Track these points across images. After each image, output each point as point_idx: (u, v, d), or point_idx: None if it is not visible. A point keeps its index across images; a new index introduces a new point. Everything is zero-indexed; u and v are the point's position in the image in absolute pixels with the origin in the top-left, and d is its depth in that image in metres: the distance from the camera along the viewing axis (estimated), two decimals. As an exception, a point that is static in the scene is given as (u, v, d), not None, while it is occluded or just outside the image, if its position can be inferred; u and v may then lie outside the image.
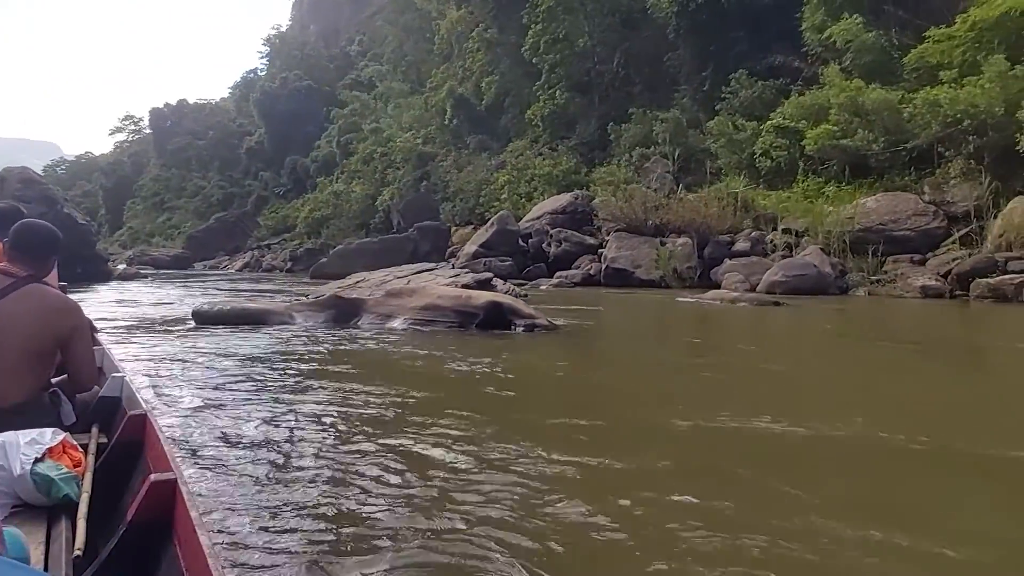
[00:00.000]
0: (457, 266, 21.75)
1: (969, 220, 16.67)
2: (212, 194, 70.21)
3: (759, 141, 22.82)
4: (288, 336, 8.11)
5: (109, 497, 2.28)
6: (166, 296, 16.59)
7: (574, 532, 2.61)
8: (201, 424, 4.19)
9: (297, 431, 4.07)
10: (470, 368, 6.23)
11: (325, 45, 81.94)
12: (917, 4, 24.01)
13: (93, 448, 2.48)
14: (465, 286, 11.00)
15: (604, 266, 19.60)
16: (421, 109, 46.99)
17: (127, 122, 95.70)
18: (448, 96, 41.80)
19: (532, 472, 3.27)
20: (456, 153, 40.46)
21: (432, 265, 15.21)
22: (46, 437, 2.24)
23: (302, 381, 5.58)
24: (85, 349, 2.89)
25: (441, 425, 4.15)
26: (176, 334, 8.30)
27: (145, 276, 30.06)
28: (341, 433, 4.04)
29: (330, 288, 12.30)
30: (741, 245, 19.14)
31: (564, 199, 24.71)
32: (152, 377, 5.62)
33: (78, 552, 1.80)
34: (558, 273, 20.41)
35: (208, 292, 18.61)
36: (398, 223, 38.31)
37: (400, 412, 4.55)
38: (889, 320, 11.57)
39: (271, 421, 4.31)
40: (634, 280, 18.78)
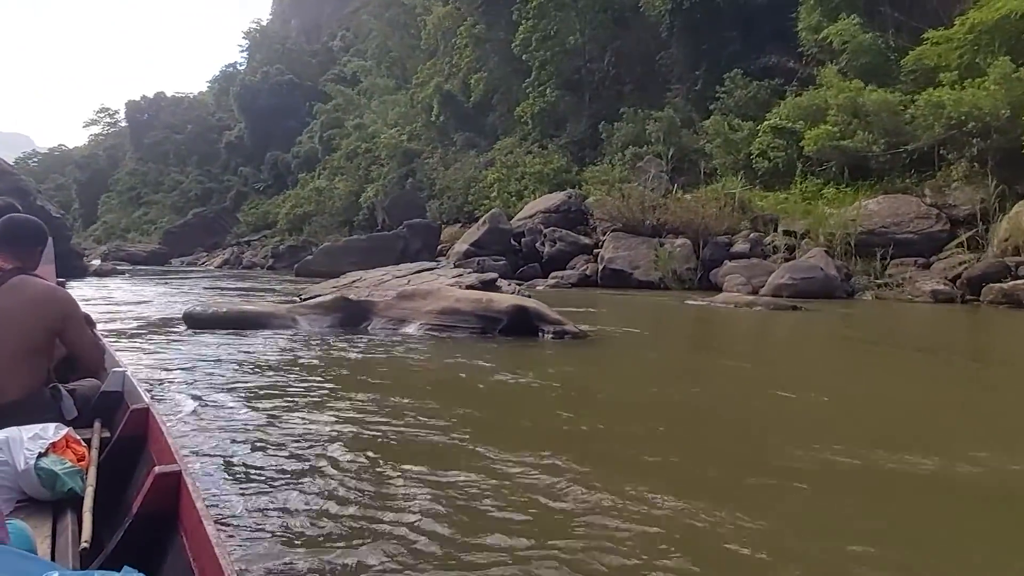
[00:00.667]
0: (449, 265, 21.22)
1: (971, 223, 16.47)
2: (190, 189, 68.97)
3: (756, 141, 22.53)
4: (293, 342, 7.48)
5: (113, 491, 2.28)
6: (148, 294, 15.87)
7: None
8: (208, 456, 3.62)
9: (319, 458, 3.53)
10: (513, 381, 5.64)
11: (307, 40, 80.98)
12: (913, 6, 23.87)
13: (96, 442, 2.49)
14: (469, 287, 10.47)
15: (601, 267, 19.15)
16: (407, 105, 46.30)
17: (102, 115, 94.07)
18: (435, 92, 41.17)
19: (637, 524, 2.73)
20: (443, 150, 39.87)
21: (432, 264, 14.60)
22: (49, 432, 2.25)
23: (317, 396, 5.00)
24: (83, 334, 2.89)
25: (497, 451, 3.62)
26: (167, 339, 7.66)
27: (122, 272, 29.17)
28: (375, 463, 3.51)
29: (324, 288, 11.66)
30: (740, 246, 18.78)
31: (557, 198, 24.24)
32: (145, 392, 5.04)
33: (85, 544, 1.83)
34: (553, 273, 19.93)
35: (191, 290, 17.92)
36: (383, 221, 37.62)
37: (445, 437, 3.97)
38: (915, 327, 11.08)
39: (285, 445, 3.77)
40: (632, 281, 18.35)
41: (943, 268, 15.32)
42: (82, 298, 13.14)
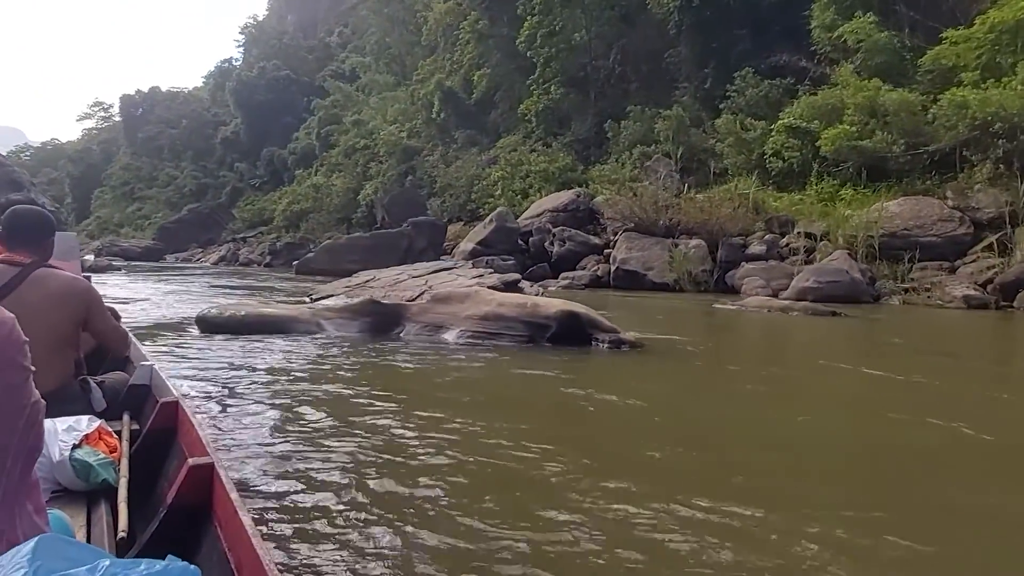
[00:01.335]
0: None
1: (997, 227, 16.00)
2: (185, 184, 68.19)
3: (769, 141, 22.05)
4: (321, 349, 6.78)
5: (144, 482, 2.30)
6: (147, 292, 15.27)
7: None
8: (253, 494, 3.06)
9: (391, 503, 2.99)
10: (593, 398, 4.94)
11: (303, 36, 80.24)
12: (928, 5, 23.46)
13: (126, 435, 2.52)
14: (491, 288, 9.94)
15: (614, 267, 18.62)
16: (406, 102, 45.66)
17: (96, 108, 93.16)
18: (436, 89, 40.56)
19: None
20: (443, 148, 39.29)
21: (450, 264, 14.04)
22: (83, 424, 2.30)
23: (365, 415, 4.34)
24: (107, 321, 2.91)
25: (615, 488, 3.06)
26: (179, 346, 6.89)
27: (118, 268, 28.52)
28: (468, 495, 2.98)
29: (336, 288, 11.08)
30: (756, 248, 18.30)
31: (565, 196, 23.70)
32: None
33: (123, 534, 1.86)
34: (563, 274, 19.39)
35: (192, 288, 17.33)
36: (383, 218, 37.00)
37: (537, 466, 3.41)
38: (974, 338, 10.43)
39: (335, 484, 3.23)
40: (646, 283, 17.84)
41: (971, 273, 14.85)
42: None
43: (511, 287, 10.33)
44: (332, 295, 10.44)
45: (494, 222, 21.91)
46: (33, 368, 1.19)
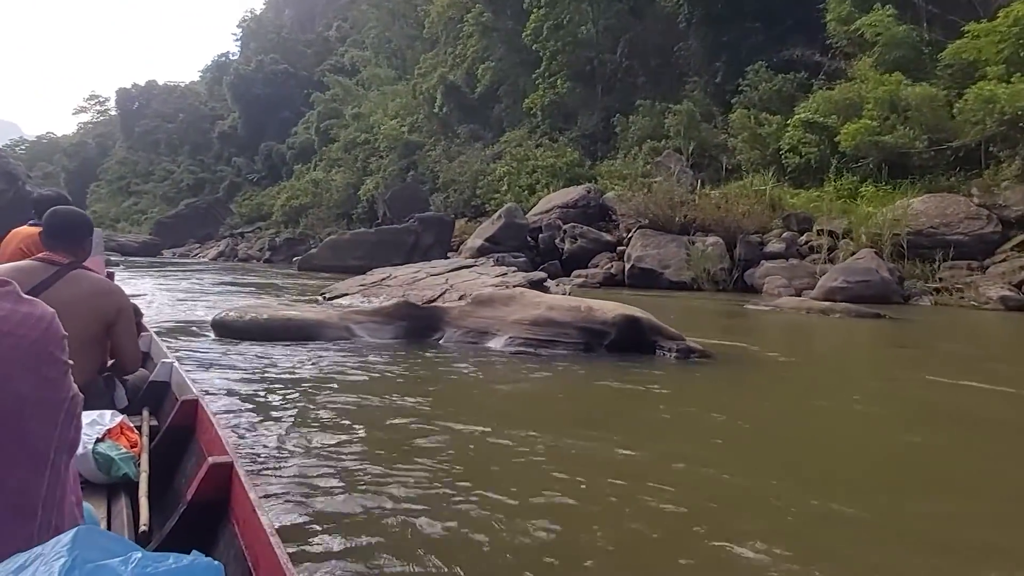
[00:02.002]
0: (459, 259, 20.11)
1: (1025, 225, 15.51)
2: (182, 179, 67.55)
3: (785, 136, 21.51)
4: (355, 359, 6.03)
5: (162, 477, 2.33)
6: (149, 289, 14.66)
7: None
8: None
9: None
10: (676, 415, 4.39)
11: (301, 30, 79.55)
12: (947, -1, 22.96)
13: (146, 430, 2.53)
14: (517, 287, 9.39)
15: (629, 265, 18.06)
16: (408, 96, 45.02)
17: (92, 102, 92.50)
18: (438, 83, 39.94)
19: None
20: (446, 143, 38.69)
21: (471, 261, 13.45)
22: (105, 419, 2.34)
23: (410, 436, 3.76)
24: (129, 331, 2.90)
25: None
26: (195, 352, 6.17)
27: (116, 263, 27.84)
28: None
29: (349, 286, 10.51)
30: (775, 246, 17.77)
31: (575, 192, 23.12)
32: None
33: (144, 527, 1.91)
34: (576, 272, 18.82)
35: (195, 285, 16.75)
36: (384, 214, 36.48)
37: (631, 511, 2.86)
38: None
39: (392, 516, 2.71)
40: (663, 282, 17.29)
41: (1002, 273, 14.32)
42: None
43: (536, 287, 9.77)
44: (347, 294, 9.90)
45: (503, 218, 21.33)
46: (71, 362, 1.18)
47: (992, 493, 3.23)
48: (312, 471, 3.14)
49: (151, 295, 12.94)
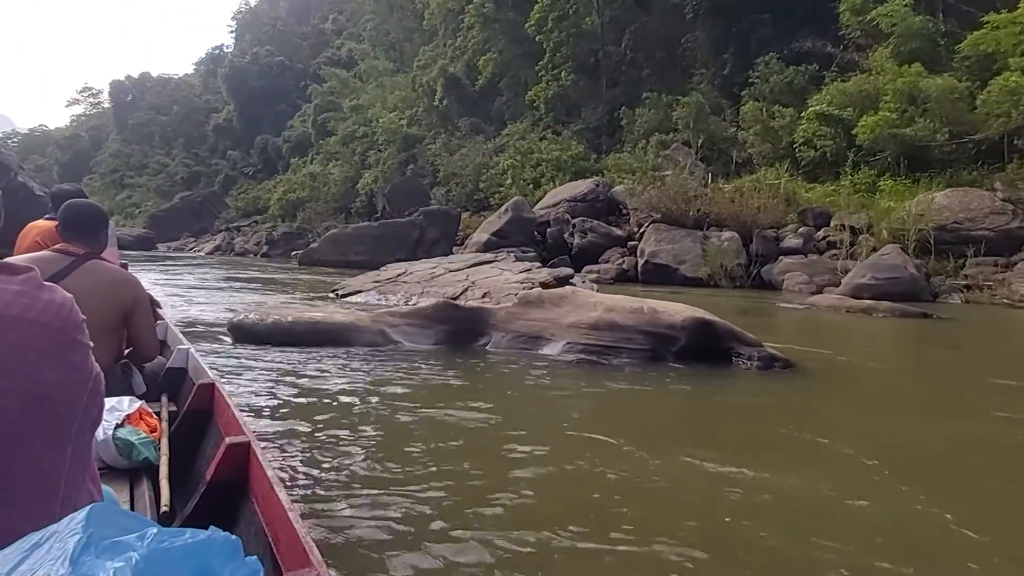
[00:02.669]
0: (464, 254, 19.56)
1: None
2: (176, 172, 66.74)
3: (799, 129, 21.03)
4: (395, 368, 5.33)
5: (182, 460, 2.36)
6: (149, 287, 14.08)
7: None
8: None
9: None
10: (786, 436, 3.81)
11: (296, 22, 78.75)
12: (963, -11, 22.51)
13: (165, 415, 2.58)
14: (543, 284, 8.89)
15: (643, 261, 17.54)
16: (407, 89, 44.37)
17: (85, 94, 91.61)
18: (439, 76, 39.31)
19: None
20: (446, 136, 38.10)
21: (491, 256, 12.87)
22: (124, 405, 2.36)
23: (484, 471, 3.14)
24: (146, 320, 2.91)
25: None
26: (212, 362, 5.07)
27: (110, 258, 27.22)
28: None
29: (363, 282, 9.95)
30: (792, 241, 17.31)
31: (583, 186, 22.58)
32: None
33: (165, 508, 1.94)
34: (587, 268, 18.27)
35: (195, 281, 16.17)
36: (383, 208, 35.85)
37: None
38: None
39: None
40: (678, 277, 16.80)
41: (1032, 269, 13.89)
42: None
43: (563, 283, 9.26)
44: (360, 291, 9.36)
45: (509, 212, 20.77)
46: (92, 344, 1.19)
47: None
48: (378, 522, 2.59)
49: (161, 292, 12.37)
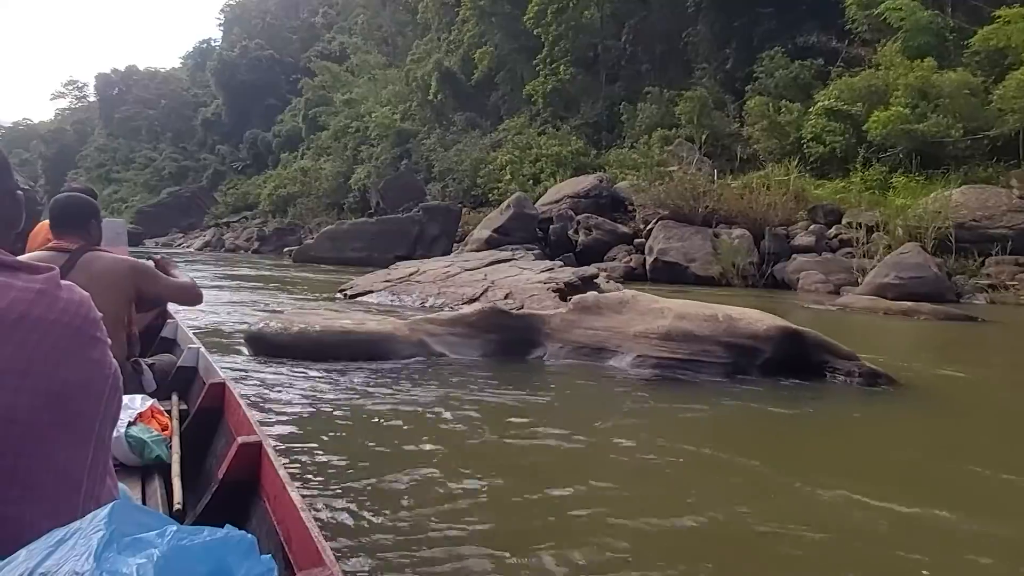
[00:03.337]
0: (466, 251, 19.02)
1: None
2: (163, 167, 65.75)
3: (807, 125, 20.61)
4: (449, 385, 4.68)
5: (193, 458, 2.35)
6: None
7: None
8: None
9: None
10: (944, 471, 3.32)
11: (286, 16, 77.80)
12: (973, -17, 22.18)
13: (176, 414, 2.56)
14: (568, 284, 8.37)
15: (652, 259, 17.07)
16: (401, 84, 43.71)
17: (70, 87, 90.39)
18: (434, 70, 38.68)
19: None
20: (441, 131, 37.51)
21: (508, 254, 12.32)
22: (136, 403, 2.35)
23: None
24: (160, 282, 2.89)
25: None
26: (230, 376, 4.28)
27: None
28: None
29: (373, 281, 9.39)
30: (804, 239, 16.89)
31: (586, 182, 22.06)
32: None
33: (178, 506, 1.94)
34: (593, 266, 17.76)
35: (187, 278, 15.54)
36: (377, 203, 35.27)
37: None
38: None
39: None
40: (688, 276, 16.33)
41: (1056, 269, 13.52)
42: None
43: (588, 283, 8.75)
44: (371, 291, 8.81)
45: (511, 208, 20.20)
46: (109, 341, 1.18)
47: None
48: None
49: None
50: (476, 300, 7.86)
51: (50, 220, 2.77)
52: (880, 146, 18.76)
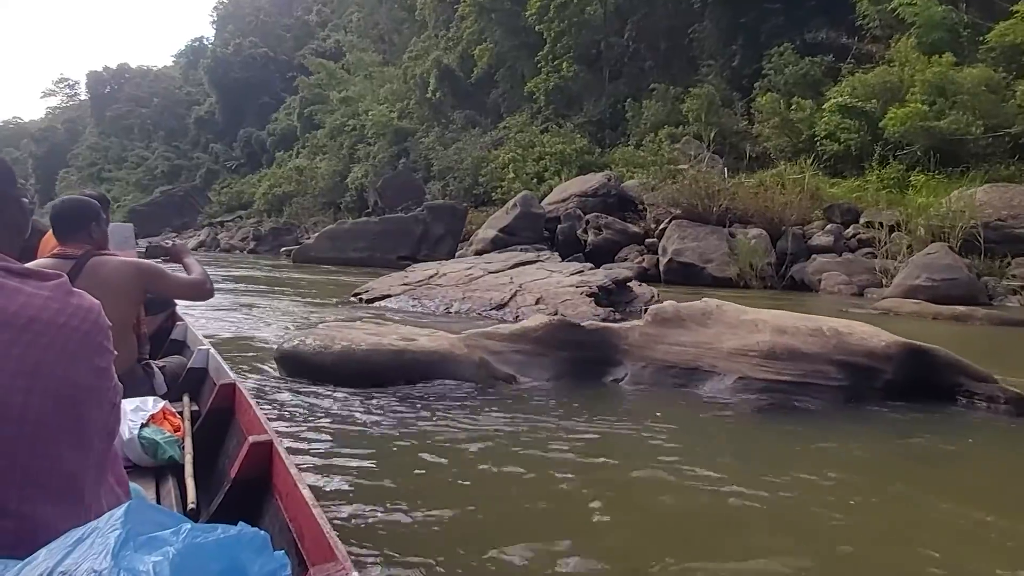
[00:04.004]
0: (471, 253, 18.51)
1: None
2: (156, 166, 64.92)
3: (821, 122, 20.17)
4: (530, 418, 3.91)
5: (205, 459, 2.38)
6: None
7: None
8: None
9: None
10: None
11: (279, 13, 77.07)
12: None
13: (187, 415, 2.58)
14: (602, 288, 7.86)
15: (666, 259, 16.56)
16: (398, 81, 43.12)
17: (61, 85, 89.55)
18: (432, 67, 38.13)
19: None
20: (440, 129, 36.96)
21: (534, 255, 11.74)
22: (148, 405, 2.39)
23: None
24: (171, 281, 2.85)
25: None
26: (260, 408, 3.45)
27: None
28: None
29: (391, 284, 8.84)
30: (822, 239, 16.44)
31: (594, 180, 21.53)
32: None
33: (192, 505, 1.97)
34: (604, 266, 17.26)
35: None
36: (375, 203, 34.70)
37: None
38: None
39: None
40: (705, 277, 15.84)
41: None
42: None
43: (622, 287, 8.26)
44: (389, 295, 8.27)
45: (518, 207, 19.67)
46: (115, 352, 1.19)
47: None
48: None
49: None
50: (505, 306, 7.33)
51: (52, 226, 2.75)
52: (897, 144, 18.33)
